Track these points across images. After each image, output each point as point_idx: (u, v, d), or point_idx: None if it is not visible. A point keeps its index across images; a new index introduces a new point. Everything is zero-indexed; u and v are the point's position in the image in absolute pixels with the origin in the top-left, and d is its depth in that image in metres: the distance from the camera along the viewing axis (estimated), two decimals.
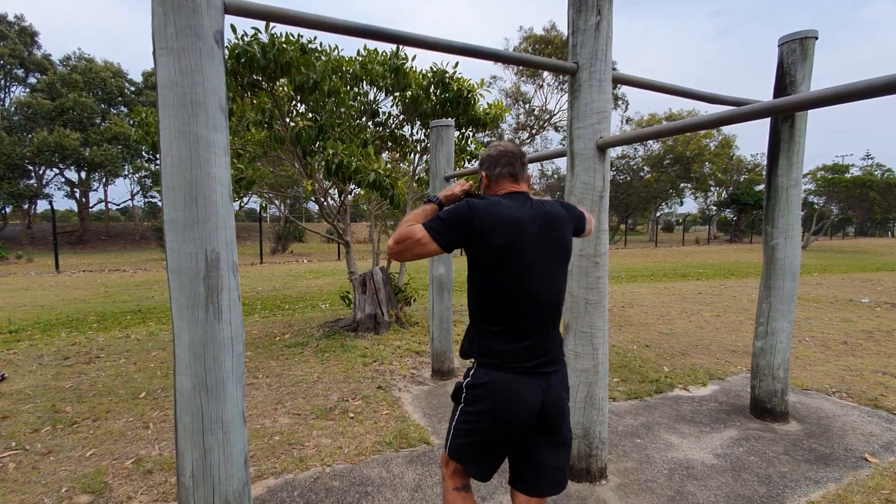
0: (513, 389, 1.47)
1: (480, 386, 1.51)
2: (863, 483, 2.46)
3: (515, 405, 1.47)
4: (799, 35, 2.95)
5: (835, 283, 10.76)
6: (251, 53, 4.25)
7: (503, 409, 1.47)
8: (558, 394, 1.56)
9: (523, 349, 1.49)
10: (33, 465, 2.68)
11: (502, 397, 1.47)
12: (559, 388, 1.57)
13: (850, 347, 5.17)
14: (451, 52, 2.10)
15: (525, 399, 1.47)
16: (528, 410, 1.48)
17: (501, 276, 1.47)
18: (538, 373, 1.51)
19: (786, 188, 3.07)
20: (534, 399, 1.49)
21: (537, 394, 1.49)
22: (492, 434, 1.51)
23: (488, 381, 1.49)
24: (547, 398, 1.51)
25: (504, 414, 1.48)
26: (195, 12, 1.50)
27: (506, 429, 1.49)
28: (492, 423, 1.50)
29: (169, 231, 1.56)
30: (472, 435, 1.53)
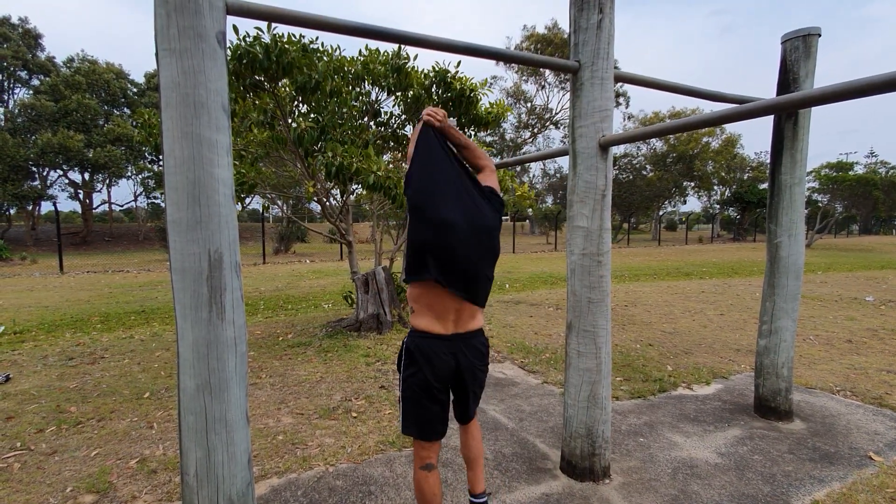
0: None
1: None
2: (868, 482, 2.45)
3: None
4: (802, 32, 2.94)
5: (839, 281, 10.71)
6: (253, 54, 4.25)
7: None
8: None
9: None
10: (38, 465, 2.70)
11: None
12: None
13: (854, 346, 5.15)
14: (452, 52, 2.10)
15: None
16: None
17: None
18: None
19: (789, 186, 3.06)
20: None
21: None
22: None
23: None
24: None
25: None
26: (197, 13, 1.50)
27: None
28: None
29: (172, 231, 1.56)
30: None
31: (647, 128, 2.22)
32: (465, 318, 1.82)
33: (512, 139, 30.28)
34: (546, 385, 4.03)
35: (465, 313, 1.81)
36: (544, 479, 2.52)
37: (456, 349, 1.80)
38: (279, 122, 5.20)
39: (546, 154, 3.40)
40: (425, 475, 1.83)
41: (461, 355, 1.81)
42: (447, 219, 1.70)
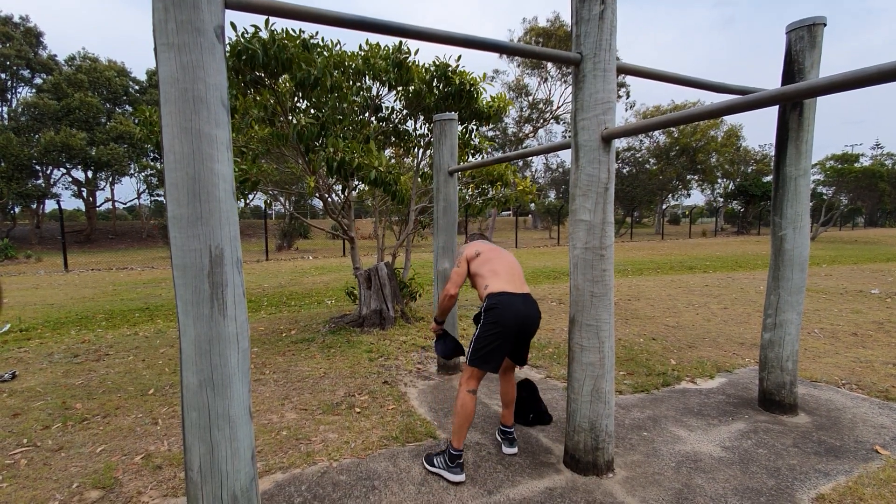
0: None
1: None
2: (874, 475, 2.44)
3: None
4: (807, 22, 2.90)
5: (844, 274, 10.65)
6: (252, 51, 4.23)
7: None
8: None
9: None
10: (44, 462, 2.72)
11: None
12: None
13: (860, 339, 5.12)
14: (453, 44, 2.08)
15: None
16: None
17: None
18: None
19: (794, 178, 3.03)
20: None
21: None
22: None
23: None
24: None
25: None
26: (195, 7, 1.49)
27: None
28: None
29: (173, 227, 1.56)
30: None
31: (651, 120, 2.20)
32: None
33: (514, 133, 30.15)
34: (549, 380, 4.03)
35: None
36: (548, 473, 2.52)
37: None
38: (280, 119, 5.19)
39: (548, 147, 3.38)
40: (472, 398, 2.48)
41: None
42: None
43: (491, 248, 2.77)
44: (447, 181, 4.15)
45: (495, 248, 2.78)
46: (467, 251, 2.74)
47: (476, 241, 2.90)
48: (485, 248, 2.74)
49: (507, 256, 2.72)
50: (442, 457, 2.48)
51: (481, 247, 2.75)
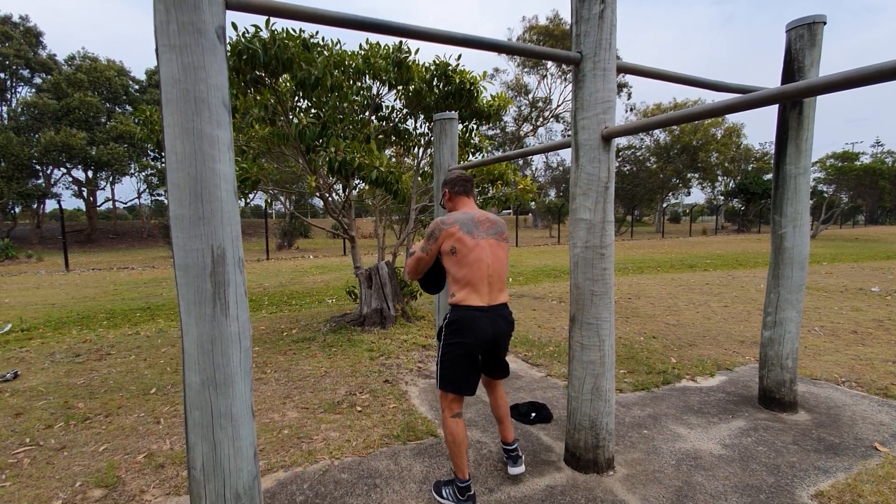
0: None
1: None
2: (872, 472, 2.45)
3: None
4: (807, 20, 2.90)
5: (844, 272, 10.65)
6: (253, 50, 4.24)
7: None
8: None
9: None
10: (47, 461, 2.73)
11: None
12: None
13: (860, 337, 5.13)
14: (453, 44, 2.09)
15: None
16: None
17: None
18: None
19: (794, 176, 3.03)
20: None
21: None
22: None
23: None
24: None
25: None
26: (196, 8, 1.50)
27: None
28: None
29: (175, 228, 1.57)
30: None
31: (651, 119, 2.20)
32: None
33: (513, 132, 30.14)
34: (550, 378, 4.04)
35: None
36: (548, 471, 2.54)
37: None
38: (280, 118, 5.20)
39: (548, 146, 3.38)
40: (458, 421, 2.24)
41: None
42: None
43: (472, 241, 2.21)
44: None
45: (477, 242, 2.22)
46: (442, 238, 2.22)
47: (457, 215, 2.27)
48: (465, 239, 2.19)
49: (489, 252, 2.23)
50: (451, 488, 2.26)
51: (461, 236, 2.20)
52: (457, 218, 2.24)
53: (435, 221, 2.26)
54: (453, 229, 2.20)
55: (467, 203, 2.39)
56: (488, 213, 2.33)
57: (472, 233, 2.22)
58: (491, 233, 2.27)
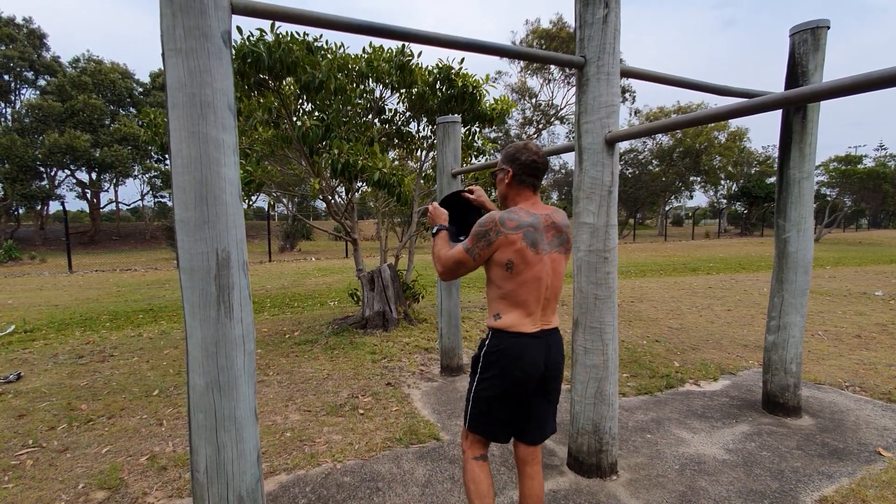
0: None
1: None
2: (877, 477, 2.43)
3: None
4: (811, 25, 2.90)
5: (848, 276, 10.61)
6: (258, 54, 4.26)
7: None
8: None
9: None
10: (50, 462, 2.73)
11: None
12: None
13: (863, 341, 5.11)
14: (456, 48, 2.10)
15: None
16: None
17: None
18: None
19: (798, 180, 3.03)
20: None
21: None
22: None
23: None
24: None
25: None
26: (203, 13, 1.51)
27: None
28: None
29: (180, 231, 1.57)
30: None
31: (654, 123, 2.20)
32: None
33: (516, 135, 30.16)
34: None
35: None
36: (551, 475, 2.53)
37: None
38: (284, 121, 5.22)
39: (551, 150, 3.38)
40: (481, 465, 1.82)
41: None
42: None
43: (535, 256, 1.68)
44: (450, 183, 4.16)
45: (541, 258, 1.70)
46: (499, 245, 1.67)
47: (522, 215, 1.71)
48: (528, 254, 1.67)
49: (550, 269, 1.74)
50: None
51: (523, 248, 1.66)
52: (521, 221, 1.68)
53: (492, 218, 1.69)
54: (515, 237, 1.66)
55: (531, 198, 1.81)
56: (553, 213, 1.80)
57: (536, 245, 1.68)
58: (555, 244, 1.77)
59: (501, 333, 1.73)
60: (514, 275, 1.69)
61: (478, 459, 1.81)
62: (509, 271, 1.69)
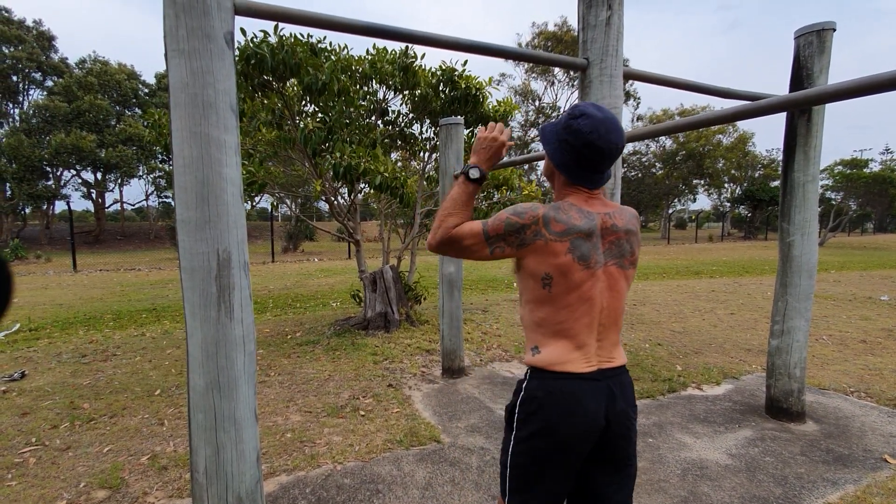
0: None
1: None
2: (882, 484, 2.41)
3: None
4: (816, 27, 2.89)
5: (853, 280, 10.54)
6: (261, 55, 4.28)
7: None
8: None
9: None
10: (52, 461, 2.74)
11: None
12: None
13: (869, 346, 5.07)
14: (460, 50, 2.10)
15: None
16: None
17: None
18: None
19: (802, 184, 3.01)
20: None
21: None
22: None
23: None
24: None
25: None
26: (206, 14, 1.51)
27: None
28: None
29: (181, 231, 1.58)
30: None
31: (658, 125, 2.20)
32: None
33: (519, 137, 30.16)
34: None
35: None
36: None
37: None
38: (287, 122, 5.23)
39: None
40: None
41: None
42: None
43: (586, 271, 1.21)
44: (453, 185, 4.15)
45: (593, 273, 1.22)
46: (534, 249, 1.22)
47: (573, 215, 1.22)
48: (575, 269, 1.20)
49: (606, 287, 1.25)
50: None
51: (569, 262, 1.20)
52: (572, 225, 1.20)
53: (535, 211, 1.22)
54: (560, 247, 1.19)
55: (588, 194, 1.28)
56: (617, 213, 1.29)
57: (588, 258, 1.21)
58: (614, 254, 1.26)
59: (542, 374, 1.25)
60: (554, 294, 1.22)
61: None
62: (547, 289, 1.22)
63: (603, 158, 1.21)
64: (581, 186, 1.27)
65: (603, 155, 1.21)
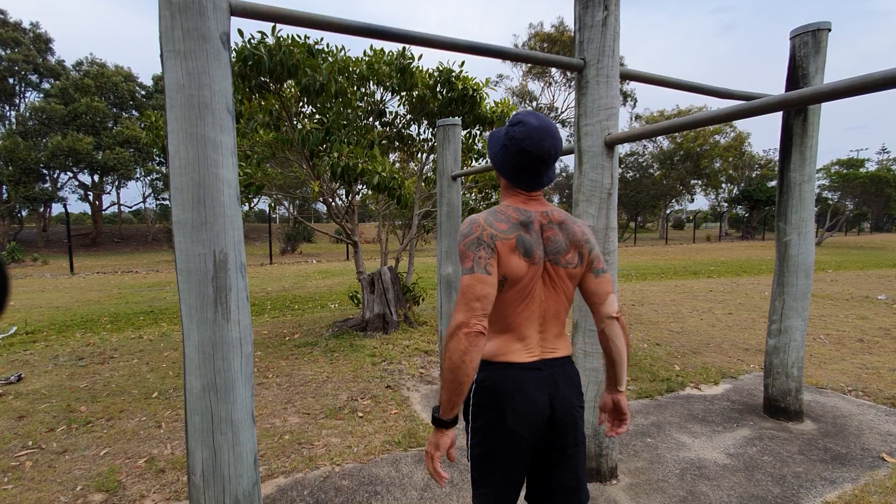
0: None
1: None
2: (880, 483, 2.41)
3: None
4: (811, 27, 2.90)
5: (850, 279, 10.57)
6: (258, 56, 4.27)
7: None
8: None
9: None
10: (49, 464, 2.73)
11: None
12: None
13: (866, 345, 5.08)
14: (457, 51, 2.10)
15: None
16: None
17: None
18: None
19: (799, 184, 3.02)
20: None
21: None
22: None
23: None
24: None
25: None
26: (201, 14, 1.51)
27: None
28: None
29: (178, 232, 1.57)
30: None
31: (654, 125, 2.20)
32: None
33: None
34: None
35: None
36: None
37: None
38: (285, 123, 5.23)
39: None
40: None
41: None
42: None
43: (531, 267, 1.28)
44: (451, 186, 4.16)
45: (534, 269, 1.29)
46: (499, 249, 1.24)
47: (511, 215, 1.30)
48: (520, 266, 1.27)
49: (546, 279, 1.32)
50: None
51: (516, 260, 1.26)
52: (512, 222, 1.29)
53: (476, 221, 1.28)
54: (510, 244, 1.26)
55: (526, 196, 1.35)
56: (553, 211, 1.36)
57: (532, 253, 1.28)
58: (553, 250, 1.32)
59: (489, 365, 1.32)
60: (503, 293, 1.28)
61: None
62: (500, 287, 1.27)
63: (537, 163, 1.30)
64: (520, 189, 1.35)
65: (537, 160, 1.29)
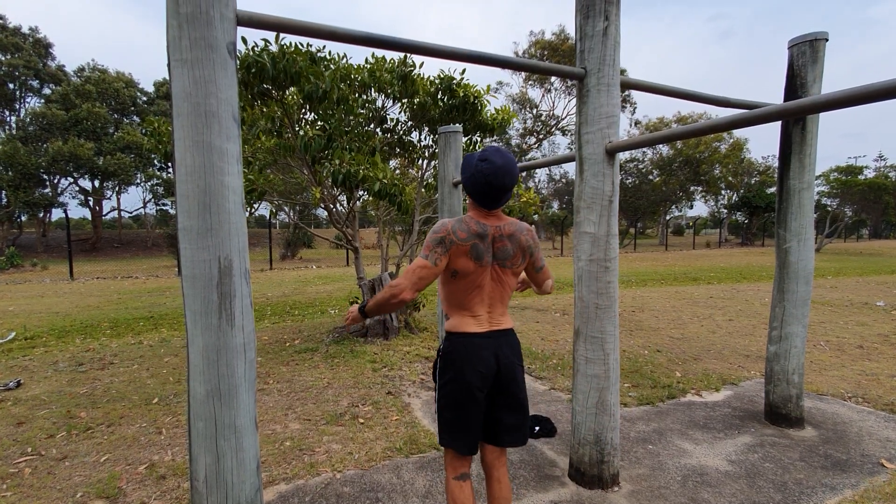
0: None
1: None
2: (880, 489, 2.41)
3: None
4: (809, 37, 2.93)
5: (849, 286, 10.59)
6: (262, 64, 4.31)
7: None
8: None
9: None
10: (49, 471, 2.72)
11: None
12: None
13: (865, 352, 5.08)
14: (458, 60, 2.12)
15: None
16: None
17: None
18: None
19: (798, 191, 3.04)
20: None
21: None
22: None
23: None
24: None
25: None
26: (209, 25, 1.53)
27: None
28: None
29: (183, 239, 1.58)
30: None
31: (655, 134, 2.22)
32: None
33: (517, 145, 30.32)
34: (553, 391, 4.01)
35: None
36: (552, 486, 2.51)
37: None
38: (287, 130, 5.25)
39: (552, 160, 3.41)
40: (460, 485, 1.81)
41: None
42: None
43: (479, 267, 1.75)
44: (452, 192, 4.17)
45: (485, 270, 1.76)
46: (454, 253, 1.72)
47: (472, 227, 1.74)
48: (470, 266, 1.74)
49: (492, 277, 1.79)
50: None
51: (466, 262, 1.73)
52: (471, 232, 1.72)
53: (445, 225, 1.73)
54: (464, 248, 1.71)
55: (486, 212, 1.79)
56: (506, 226, 1.79)
57: (481, 258, 1.74)
58: (500, 257, 1.78)
59: (452, 336, 1.82)
60: (457, 281, 1.77)
61: (458, 479, 1.80)
62: (454, 278, 1.77)
63: (498, 192, 1.72)
64: (482, 207, 1.78)
65: (497, 190, 1.72)
